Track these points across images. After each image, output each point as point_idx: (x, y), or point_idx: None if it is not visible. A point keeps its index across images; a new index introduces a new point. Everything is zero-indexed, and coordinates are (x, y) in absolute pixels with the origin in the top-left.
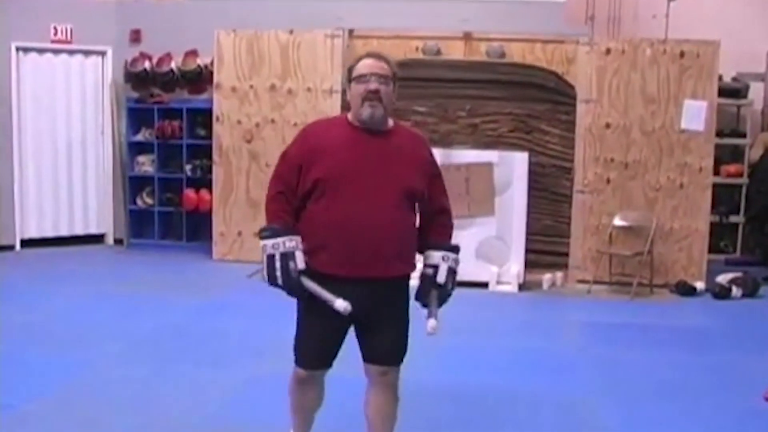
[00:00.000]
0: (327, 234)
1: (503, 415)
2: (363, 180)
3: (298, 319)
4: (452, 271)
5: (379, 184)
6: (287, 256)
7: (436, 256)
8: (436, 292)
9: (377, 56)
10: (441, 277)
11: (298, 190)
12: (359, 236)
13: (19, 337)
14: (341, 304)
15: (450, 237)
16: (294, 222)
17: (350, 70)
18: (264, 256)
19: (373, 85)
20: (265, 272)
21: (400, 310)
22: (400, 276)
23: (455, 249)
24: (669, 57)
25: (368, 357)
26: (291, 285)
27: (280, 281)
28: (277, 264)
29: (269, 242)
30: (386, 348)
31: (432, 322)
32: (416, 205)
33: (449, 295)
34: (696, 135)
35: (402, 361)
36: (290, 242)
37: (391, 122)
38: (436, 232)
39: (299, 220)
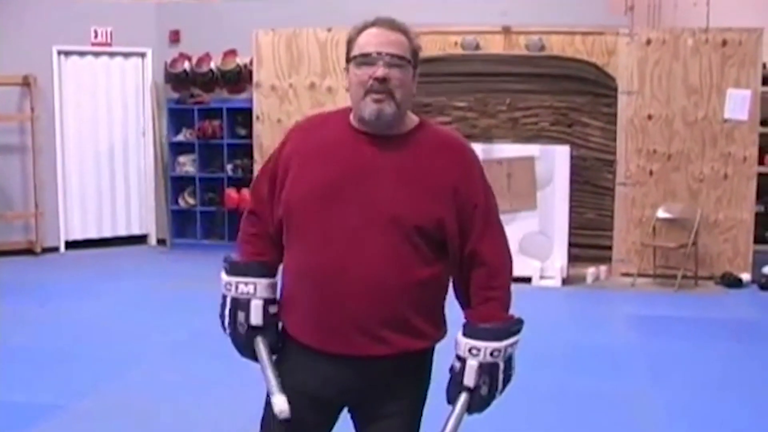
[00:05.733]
0: (295, 286)
1: (551, 411)
2: (347, 209)
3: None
4: (491, 368)
5: (371, 216)
6: (238, 304)
7: (461, 344)
8: (464, 396)
9: (390, 24)
10: (469, 379)
11: (274, 214)
12: (335, 294)
13: (68, 337)
14: (278, 405)
15: (497, 307)
16: (270, 252)
17: (349, 43)
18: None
19: (380, 71)
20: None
21: (408, 399)
22: (404, 353)
23: (503, 331)
24: (711, 46)
25: None
26: (238, 343)
27: (224, 329)
28: (225, 310)
29: (224, 279)
30: None
31: None
32: (444, 247)
33: (488, 401)
34: (740, 124)
35: None
36: (246, 286)
37: (413, 120)
38: (474, 298)
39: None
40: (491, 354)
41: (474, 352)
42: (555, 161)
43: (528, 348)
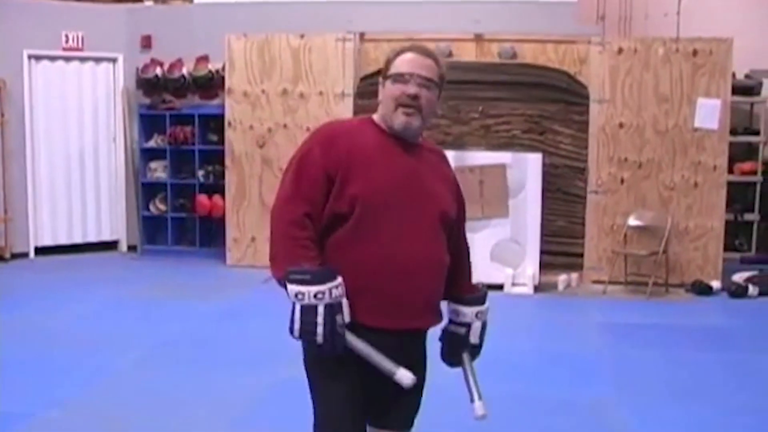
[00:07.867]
0: (365, 274)
1: (521, 419)
2: (404, 203)
3: (316, 395)
4: (484, 326)
5: (420, 210)
6: (334, 308)
7: (468, 313)
8: (467, 354)
9: (423, 51)
10: (475, 337)
11: (326, 210)
12: (410, 277)
13: (37, 345)
14: (406, 377)
15: (473, 280)
16: (320, 255)
17: (387, 63)
18: (297, 306)
19: (412, 89)
20: (297, 326)
21: (425, 367)
22: (433, 326)
23: (486, 296)
24: (682, 55)
25: (381, 422)
26: (335, 343)
27: (320, 338)
28: (320, 318)
29: (309, 290)
30: (406, 413)
31: (479, 405)
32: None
33: (479, 352)
34: (710, 133)
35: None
36: (337, 290)
37: None
38: (464, 276)
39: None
40: (485, 314)
41: (479, 315)
42: (527, 169)
43: (499, 355)
